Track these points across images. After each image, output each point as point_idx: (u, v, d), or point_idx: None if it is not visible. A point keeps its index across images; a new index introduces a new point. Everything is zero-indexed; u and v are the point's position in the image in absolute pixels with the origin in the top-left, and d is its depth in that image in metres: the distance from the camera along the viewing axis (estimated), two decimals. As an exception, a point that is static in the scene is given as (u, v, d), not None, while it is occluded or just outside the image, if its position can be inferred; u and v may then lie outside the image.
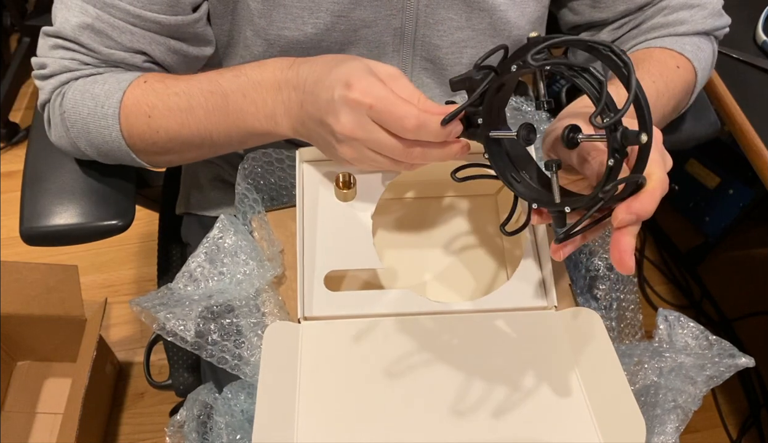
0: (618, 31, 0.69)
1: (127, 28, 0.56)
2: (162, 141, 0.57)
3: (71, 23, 0.56)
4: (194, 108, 0.54)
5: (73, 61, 0.57)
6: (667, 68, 0.62)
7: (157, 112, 0.55)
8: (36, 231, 0.62)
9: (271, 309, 0.56)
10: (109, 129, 0.56)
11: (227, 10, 0.61)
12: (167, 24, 0.57)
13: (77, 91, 0.57)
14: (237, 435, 0.52)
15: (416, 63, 0.65)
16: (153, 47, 0.58)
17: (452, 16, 0.62)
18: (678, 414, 0.54)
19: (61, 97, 0.58)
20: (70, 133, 0.58)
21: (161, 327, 0.53)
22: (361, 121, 0.47)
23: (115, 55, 0.57)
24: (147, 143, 0.57)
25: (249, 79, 0.53)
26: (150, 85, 0.56)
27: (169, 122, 0.56)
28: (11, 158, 1.56)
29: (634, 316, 0.68)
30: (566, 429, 0.48)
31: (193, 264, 0.57)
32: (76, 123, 0.57)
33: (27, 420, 1.13)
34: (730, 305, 1.37)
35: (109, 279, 1.38)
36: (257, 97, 0.53)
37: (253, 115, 0.53)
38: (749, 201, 1.30)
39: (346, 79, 0.47)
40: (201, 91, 0.54)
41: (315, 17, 0.59)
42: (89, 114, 0.56)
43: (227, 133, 0.55)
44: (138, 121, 0.56)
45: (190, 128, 0.56)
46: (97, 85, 0.56)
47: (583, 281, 0.67)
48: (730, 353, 0.55)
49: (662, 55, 0.63)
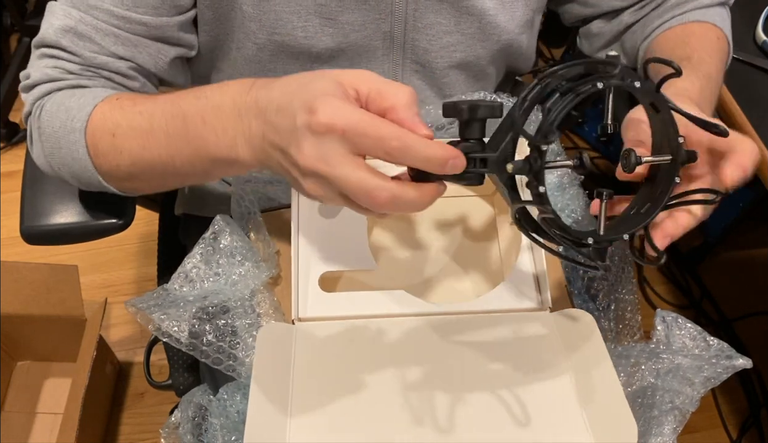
0: (640, 12, 0.70)
1: (111, 31, 0.55)
2: (125, 164, 0.52)
3: (54, 27, 0.55)
4: (155, 130, 0.50)
5: (55, 70, 0.55)
6: (712, 42, 0.65)
7: (120, 131, 0.51)
8: (36, 230, 0.62)
9: (267, 310, 0.56)
10: (77, 144, 0.53)
11: (216, 15, 0.60)
12: (153, 25, 0.56)
13: (54, 104, 0.54)
14: (232, 437, 0.52)
15: (407, 66, 0.65)
16: (138, 50, 0.57)
17: (441, 20, 0.62)
18: (675, 416, 0.54)
19: (40, 110, 0.55)
20: (44, 148, 0.55)
21: (156, 328, 0.53)
22: (327, 153, 0.39)
23: (98, 59, 0.55)
24: (111, 165, 0.53)
25: (209, 102, 0.47)
26: (119, 102, 0.52)
27: (132, 143, 0.51)
28: (11, 158, 1.57)
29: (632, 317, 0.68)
30: (559, 429, 0.48)
31: (188, 265, 0.57)
32: (49, 137, 0.54)
33: (27, 420, 1.13)
34: (730, 305, 1.37)
35: (109, 279, 1.38)
36: (217, 123, 0.46)
37: (214, 144, 0.47)
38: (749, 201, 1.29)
39: (309, 104, 0.40)
40: (163, 112, 0.50)
41: (304, 21, 0.59)
42: (60, 127, 0.53)
43: (189, 161, 0.50)
44: (103, 140, 0.52)
45: (152, 152, 0.51)
46: (73, 98, 0.54)
47: (581, 282, 0.67)
48: (728, 354, 0.55)
49: (702, 30, 0.65)
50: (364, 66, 0.64)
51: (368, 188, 0.39)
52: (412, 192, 0.40)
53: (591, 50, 0.76)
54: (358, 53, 0.63)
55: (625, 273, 0.67)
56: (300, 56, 0.62)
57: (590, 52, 0.77)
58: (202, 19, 0.61)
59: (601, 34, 0.73)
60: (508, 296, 0.56)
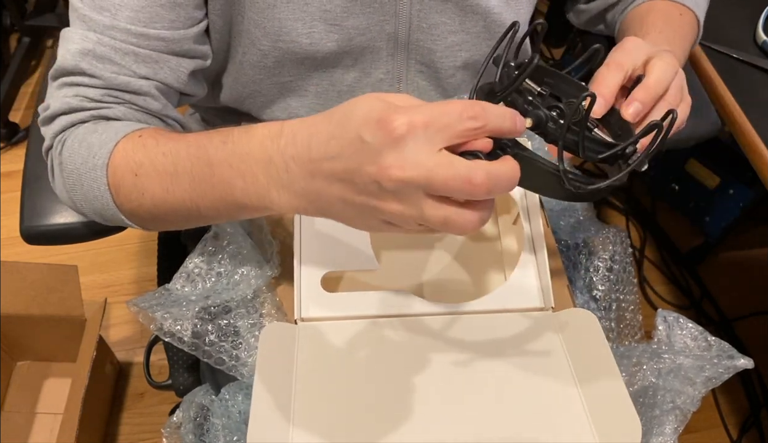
0: None
1: (131, 50, 0.53)
2: (147, 205, 0.51)
3: (71, 52, 0.53)
4: (179, 173, 0.48)
5: (76, 98, 0.53)
6: (671, 16, 0.67)
7: (143, 171, 0.49)
8: (36, 230, 0.62)
9: (269, 310, 0.56)
10: (98, 182, 0.51)
11: (226, 22, 0.60)
12: (171, 39, 0.54)
13: (76, 140, 0.53)
14: (234, 437, 0.52)
15: (411, 67, 0.65)
16: (159, 66, 0.55)
17: (445, 20, 0.62)
18: (676, 415, 0.54)
19: (61, 146, 0.53)
20: (66, 184, 0.54)
21: (158, 327, 0.53)
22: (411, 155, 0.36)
23: (119, 79, 0.53)
24: (134, 205, 0.51)
25: (236, 148, 0.45)
26: (142, 140, 0.50)
27: (155, 186, 0.49)
28: (11, 158, 1.57)
29: (633, 317, 0.68)
30: (562, 429, 0.48)
31: (190, 265, 0.57)
32: (72, 173, 0.52)
33: (27, 420, 1.13)
34: (730, 305, 1.37)
35: (109, 279, 1.38)
36: (246, 169, 0.44)
37: (242, 190, 0.45)
38: (749, 201, 1.29)
39: (374, 117, 0.37)
40: (188, 155, 0.47)
41: (309, 27, 0.58)
42: (82, 164, 0.51)
43: (215, 207, 0.48)
44: (125, 179, 0.50)
45: (175, 196, 0.49)
46: (95, 134, 0.52)
47: (583, 282, 0.67)
48: (729, 354, 0.55)
49: (664, 6, 0.68)
50: (369, 67, 0.64)
51: (464, 173, 0.36)
52: (503, 166, 0.38)
53: (579, 23, 0.82)
54: (363, 54, 0.63)
55: (626, 273, 0.67)
56: (305, 61, 0.61)
57: (578, 24, 0.83)
58: (213, 27, 0.61)
59: (588, 9, 0.78)
60: (510, 296, 0.56)
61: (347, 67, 0.63)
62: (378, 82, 0.65)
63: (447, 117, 0.37)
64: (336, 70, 0.63)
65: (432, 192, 0.37)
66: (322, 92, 0.65)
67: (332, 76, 0.64)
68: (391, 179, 0.37)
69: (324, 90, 0.65)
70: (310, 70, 0.63)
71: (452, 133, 0.37)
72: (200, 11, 0.57)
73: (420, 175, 0.36)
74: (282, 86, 0.64)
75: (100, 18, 0.52)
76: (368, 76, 0.65)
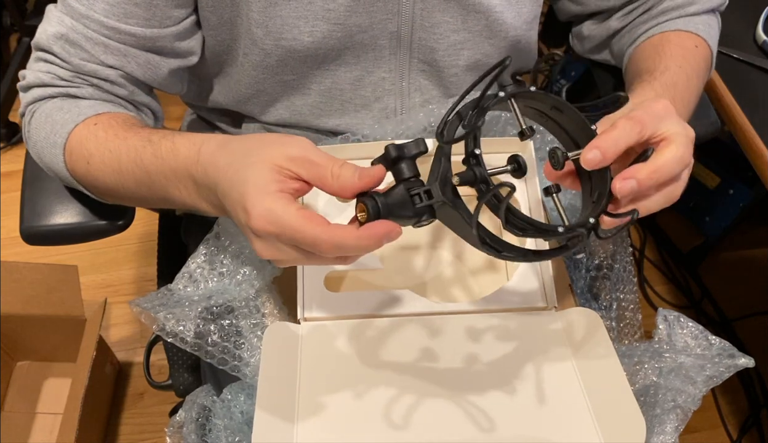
0: (627, 17, 0.70)
1: (101, 41, 0.55)
2: (102, 188, 0.56)
3: (47, 33, 0.56)
4: (124, 173, 0.53)
5: (47, 74, 0.57)
6: (688, 50, 0.64)
7: (94, 162, 0.54)
8: (36, 230, 0.62)
9: (271, 310, 0.56)
10: (57, 159, 0.56)
11: (221, 20, 0.60)
12: (142, 36, 0.56)
13: (43, 114, 0.57)
14: (236, 438, 0.52)
15: (413, 66, 0.65)
16: (127, 60, 0.57)
17: (448, 19, 0.62)
18: (677, 414, 0.54)
19: (31, 115, 0.58)
20: (33, 151, 0.59)
21: (161, 328, 0.53)
22: (272, 245, 0.43)
23: (87, 67, 0.56)
24: (90, 186, 0.57)
25: (165, 164, 0.50)
26: (95, 129, 0.54)
27: (105, 177, 0.54)
28: (11, 158, 1.56)
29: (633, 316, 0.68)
30: (567, 428, 0.48)
31: (192, 265, 0.57)
32: (36, 144, 0.57)
33: (27, 420, 1.12)
34: (730, 305, 1.37)
35: (109, 279, 1.37)
36: (179, 183, 0.50)
37: (179, 197, 0.51)
38: (749, 201, 1.29)
39: (243, 205, 0.43)
40: (129, 159, 0.52)
41: (311, 26, 0.58)
42: (45, 138, 0.56)
43: (162, 203, 0.54)
44: (78, 164, 0.55)
45: (125, 190, 0.54)
46: (60, 112, 0.56)
47: (583, 281, 0.67)
48: (730, 353, 0.55)
49: (679, 39, 0.65)
50: (371, 66, 0.64)
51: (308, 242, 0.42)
52: (354, 235, 0.42)
53: (582, 51, 0.77)
54: (365, 52, 0.63)
55: (626, 273, 0.67)
56: (307, 60, 0.61)
57: (582, 52, 0.78)
58: (207, 24, 0.61)
59: (591, 36, 0.74)
60: (513, 295, 0.56)
61: (350, 66, 0.63)
62: (380, 80, 0.65)
63: (301, 239, 0.42)
64: (339, 68, 0.63)
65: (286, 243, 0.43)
66: (325, 90, 0.65)
67: (335, 74, 0.64)
68: (261, 254, 0.44)
69: (327, 88, 0.65)
70: (312, 68, 0.63)
71: (303, 246, 0.42)
72: (182, 10, 0.58)
73: (282, 258, 0.44)
74: (285, 85, 0.64)
75: (77, 5, 0.55)
76: (371, 74, 0.65)
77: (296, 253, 0.43)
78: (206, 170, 0.47)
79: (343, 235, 0.41)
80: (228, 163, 0.45)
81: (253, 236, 0.44)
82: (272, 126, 0.69)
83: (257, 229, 0.42)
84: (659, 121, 0.45)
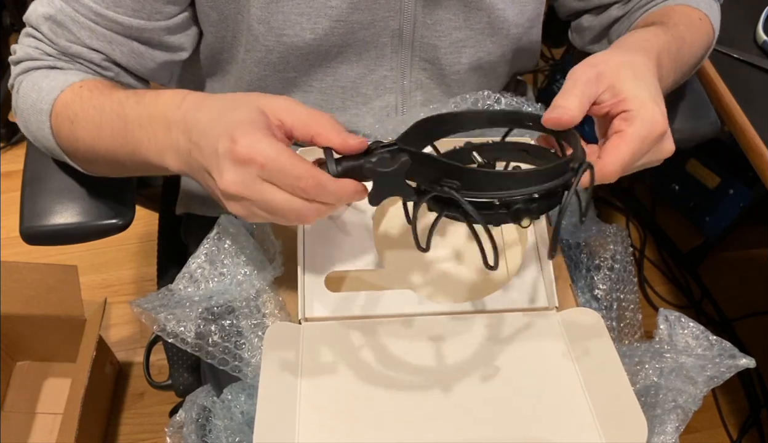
0: (627, 5, 0.70)
1: (88, 25, 0.57)
2: (81, 150, 0.57)
3: (37, 12, 0.57)
4: (103, 126, 0.53)
5: (36, 50, 0.58)
6: (691, 19, 0.64)
7: (77, 121, 0.55)
8: (36, 230, 0.62)
9: (272, 310, 0.56)
10: (43, 125, 0.57)
11: (222, 17, 0.60)
12: (129, 26, 0.57)
13: (30, 82, 0.58)
14: (236, 439, 0.52)
15: (415, 64, 0.65)
16: (112, 47, 0.58)
17: (450, 16, 0.62)
18: (678, 415, 0.54)
19: (19, 85, 0.59)
20: (20, 121, 0.60)
21: (161, 328, 0.53)
22: (247, 180, 0.43)
23: (72, 49, 0.58)
24: (71, 149, 0.57)
25: (145, 110, 0.51)
26: (81, 91, 0.55)
27: (85, 135, 0.55)
28: (11, 158, 1.56)
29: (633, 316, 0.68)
30: (568, 428, 0.48)
31: (193, 265, 0.57)
32: (23, 113, 0.59)
33: (27, 420, 1.12)
34: (730, 305, 1.37)
35: (109, 279, 1.37)
36: (150, 130, 0.50)
37: (146, 148, 0.50)
38: (749, 201, 1.30)
39: (230, 132, 0.42)
40: (111, 110, 0.53)
41: (313, 23, 0.59)
42: (31, 105, 0.57)
43: (130, 159, 0.53)
44: (63, 126, 0.56)
45: (100, 145, 0.54)
46: (46, 79, 0.57)
47: (584, 281, 0.67)
48: (731, 353, 0.55)
49: (684, 9, 0.65)
50: (373, 64, 0.64)
51: (296, 207, 0.43)
52: (336, 184, 0.44)
53: (581, 44, 0.77)
54: (367, 50, 0.63)
55: (626, 273, 0.67)
56: (309, 56, 0.62)
57: (581, 45, 0.77)
58: (207, 20, 0.61)
59: (590, 27, 0.74)
60: (514, 295, 0.56)
61: (352, 63, 0.63)
62: (382, 78, 0.65)
63: (287, 171, 0.42)
64: (340, 66, 0.63)
65: (264, 209, 0.44)
66: (326, 88, 0.65)
67: (336, 71, 0.64)
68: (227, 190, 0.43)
69: (328, 86, 0.65)
70: (314, 65, 0.63)
71: (282, 184, 0.43)
72: (174, 6, 0.59)
73: (251, 196, 0.43)
74: (287, 82, 0.64)
75: None
76: (372, 72, 0.65)
77: (270, 195, 0.43)
78: (186, 113, 0.47)
79: (326, 177, 0.43)
80: (212, 105, 0.46)
81: (228, 171, 0.42)
82: None
83: (241, 156, 0.41)
84: (618, 79, 0.47)
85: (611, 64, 0.48)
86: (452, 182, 0.42)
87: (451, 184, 0.42)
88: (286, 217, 0.44)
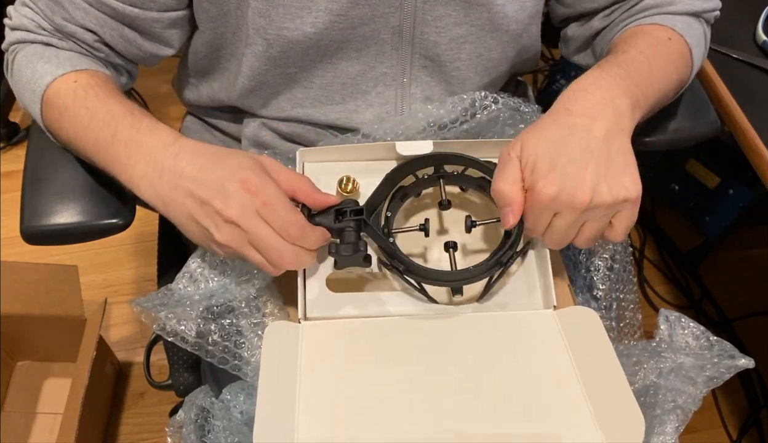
0: (609, 17, 0.69)
1: (82, 6, 0.59)
2: (63, 137, 0.60)
3: None
4: (90, 129, 0.56)
5: (31, 22, 0.61)
6: (657, 40, 0.63)
7: (66, 114, 0.58)
8: (36, 230, 0.62)
9: (272, 309, 0.56)
10: (34, 103, 0.60)
11: (221, 12, 0.61)
12: (121, 12, 0.59)
13: (26, 56, 0.61)
14: (235, 439, 0.53)
15: (415, 61, 0.65)
16: (104, 30, 0.61)
17: (450, 12, 0.62)
18: (678, 415, 0.54)
19: (14, 55, 0.62)
20: (14, 88, 0.63)
21: (161, 327, 0.53)
22: (248, 210, 0.49)
23: (67, 28, 0.60)
24: (54, 132, 0.61)
25: (137, 135, 0.54)
26: (75, 87, 0.58)
27: (69, 128, 0.58)
28: (11, 158, 1.56)
29: (633, 316, 0.68)
30: (566, 427, 0.48)
31: (193, 265, 0.57)
32: (17, 83, 0.62)
33: (27, 420, 1.13)
34: (730, 305, 1.37)
35: (109, 279, 1.37)
36: (134, 156, 0.54)
37: (122, 167, 0.54)
38: (749, 201, 1.30)
39: (241, 175, 0.49)
40: (103, 118, 0.56)
41: (314, 16, 0.59)
42: (26, 82, 0.60)
43: (102, 165, 0.57)
44: (52, 112, 0.59)
45: (80, 143, 0.58)
46: (41, 60, 0.60)
47: (583, 281, 0.67)
48: (731, 354, 0.55)
49: (651, 29, 0.64)
50: (373, 61, 0.64)
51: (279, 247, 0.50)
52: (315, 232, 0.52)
53: (568, 53, 0.77)
54: (367, 46, 0.63)
55: (626, 273, 0.67)
56: (309, 51, 0.62)
57: (567, 55, 0.77)
58: (206, 16, 0.62)
59: (574, 38, 0.74)
60: (512, 295, 0.56)
61: (352, 60, 0.64)
62: (382, 75, 0.65)
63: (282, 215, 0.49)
64: (340, 62, 0.64)
65: (252, 242, 0.50)
66: (326, 84, 0.65)
67: (336, 67, 0.64)
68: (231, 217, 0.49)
69: (329, 82, 0.65)
70: (315, 61, 0.63)
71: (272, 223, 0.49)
72: (171, 1, 0.60)
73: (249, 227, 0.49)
74: (288, 77, 0.65)
75: None
76: (372, 69, 0.65)
77: (263, 230, 0.49)
78: (181, 153, 0.52)
79: (309, 226, 0.51)
80: (209, 151, 0.52)
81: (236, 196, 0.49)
82: (273, 121, 0.69)
83: (252, 187, 0.49)
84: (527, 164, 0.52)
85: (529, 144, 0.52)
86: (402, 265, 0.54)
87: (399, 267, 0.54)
88: (268, 255, 0.50)
